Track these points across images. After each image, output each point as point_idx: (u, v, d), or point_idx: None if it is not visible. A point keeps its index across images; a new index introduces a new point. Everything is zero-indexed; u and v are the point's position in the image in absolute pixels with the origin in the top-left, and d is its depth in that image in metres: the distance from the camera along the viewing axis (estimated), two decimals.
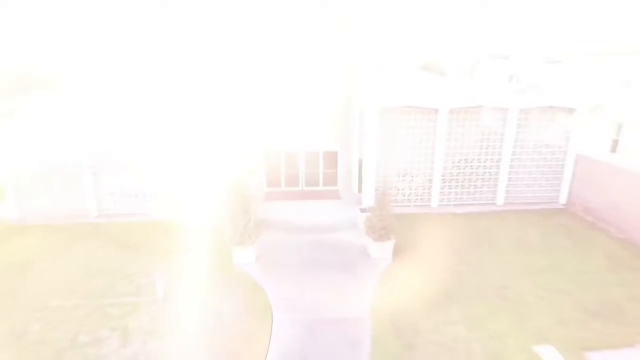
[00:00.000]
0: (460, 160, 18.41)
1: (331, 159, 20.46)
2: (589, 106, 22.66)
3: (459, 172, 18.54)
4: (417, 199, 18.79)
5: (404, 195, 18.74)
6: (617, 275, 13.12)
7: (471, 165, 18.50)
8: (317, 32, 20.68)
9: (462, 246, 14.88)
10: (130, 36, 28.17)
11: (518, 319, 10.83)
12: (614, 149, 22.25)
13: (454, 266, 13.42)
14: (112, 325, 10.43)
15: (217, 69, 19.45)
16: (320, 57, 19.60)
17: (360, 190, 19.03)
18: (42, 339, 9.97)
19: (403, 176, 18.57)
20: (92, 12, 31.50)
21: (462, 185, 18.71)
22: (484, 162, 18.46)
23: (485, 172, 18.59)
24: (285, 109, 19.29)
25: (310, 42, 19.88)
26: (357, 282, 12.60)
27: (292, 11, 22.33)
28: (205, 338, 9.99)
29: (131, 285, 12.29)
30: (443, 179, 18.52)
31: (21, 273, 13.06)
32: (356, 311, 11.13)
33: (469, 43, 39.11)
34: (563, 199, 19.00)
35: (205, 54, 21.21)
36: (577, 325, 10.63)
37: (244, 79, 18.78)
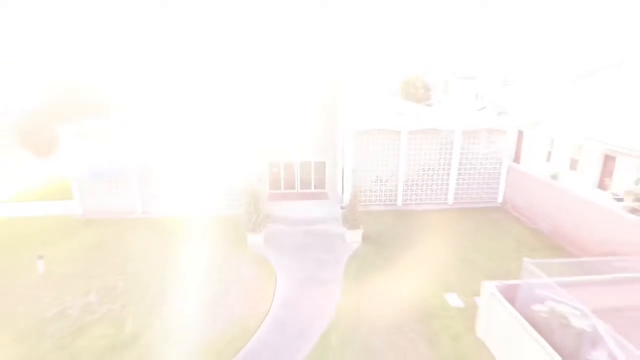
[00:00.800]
0: (419, 169, 23.88)
1: (321, 167, 25.87)
2: (529, 123, 28.13)
3: (419, 179, 24.01)
4: (386, 199, 24.26)
5: (377, 196, 24.20)
6: (519, 253, 18.56)
7: (428, 173, 23.97)
8: (310, 65, 26.06)
9: (414, 234, 20.36)
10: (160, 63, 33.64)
11: (437, 278, 16.30)
12: (548, 158, 27.68)
13: (404, 246, 18.90)
14: (171, 281, 15.88)
15: (234, 100, 24.76)
16: (314, 87, 24.91)
17: (343, 192, 24.47)
18: (128, 290, 15.43)
19: (376, 181, 24.03)
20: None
21: (420, 189, 24.19)
22: (438, 170, 23.94)
23: (438, 178, 24.08)
24: (285, 129, 24.63)
25: (306, 75, 25.22)
26: (335, 257, 18.07)
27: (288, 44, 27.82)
28: (234, 288, 15.45)
29: (177, 259, 17.73)
30: (406, 184, 23.99)
31: (98, 252, 18.51)
32: (332, 275, 16.59)
33: (444, 63, 44.58)
34: (500, 199, 24.50)
35: (223, 85, 26.59)
36: (477, 283, 16.07)
37: (255, 106, 24.11)
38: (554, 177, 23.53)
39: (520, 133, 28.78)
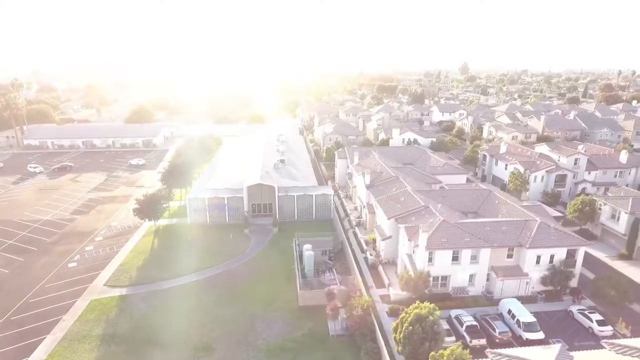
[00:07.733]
0: (306, 206, 69.10)
1: (270, 205, 70.83)
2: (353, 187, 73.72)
3: (305, 209, 69.22)
4: (292, 217, 69.50)
5: (289, 216, 69.33)
6: (325, 230, 63.74)
7: (310, 207, 69.21)
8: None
9: (298, 228, 65.50)
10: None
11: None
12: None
13: (292, 231, 64.11)
14: (224, 239, 61.20)
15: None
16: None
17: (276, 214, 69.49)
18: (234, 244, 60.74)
19: (289, 210, 69.16)
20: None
21: (305, 212, 69.40)
22: (312, 206, 69.23)
23: (311, 208, 69.31)
24: (257, 192, 69.52)
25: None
26: (267, 235, 63.64)
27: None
28: (239, 242, 60.82)
29: (225, 235, 62.93)
30: (299, 211, 69.20)
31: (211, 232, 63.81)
32: (266, 239, 62.13)
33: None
34: (332, 216, 69.79)
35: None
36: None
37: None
38: (357, 208, 69.07)
39: (355, 188, 74.24)
